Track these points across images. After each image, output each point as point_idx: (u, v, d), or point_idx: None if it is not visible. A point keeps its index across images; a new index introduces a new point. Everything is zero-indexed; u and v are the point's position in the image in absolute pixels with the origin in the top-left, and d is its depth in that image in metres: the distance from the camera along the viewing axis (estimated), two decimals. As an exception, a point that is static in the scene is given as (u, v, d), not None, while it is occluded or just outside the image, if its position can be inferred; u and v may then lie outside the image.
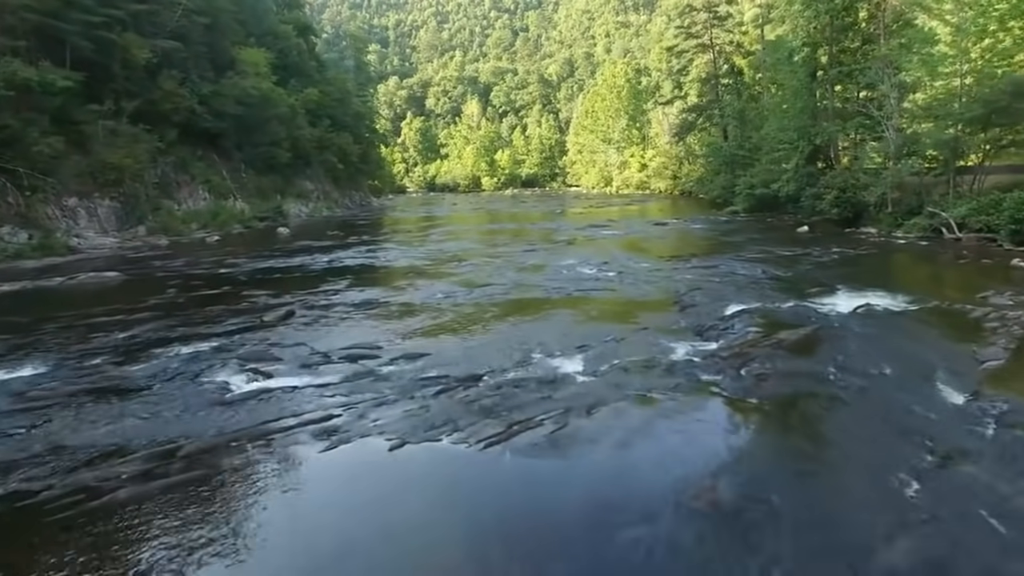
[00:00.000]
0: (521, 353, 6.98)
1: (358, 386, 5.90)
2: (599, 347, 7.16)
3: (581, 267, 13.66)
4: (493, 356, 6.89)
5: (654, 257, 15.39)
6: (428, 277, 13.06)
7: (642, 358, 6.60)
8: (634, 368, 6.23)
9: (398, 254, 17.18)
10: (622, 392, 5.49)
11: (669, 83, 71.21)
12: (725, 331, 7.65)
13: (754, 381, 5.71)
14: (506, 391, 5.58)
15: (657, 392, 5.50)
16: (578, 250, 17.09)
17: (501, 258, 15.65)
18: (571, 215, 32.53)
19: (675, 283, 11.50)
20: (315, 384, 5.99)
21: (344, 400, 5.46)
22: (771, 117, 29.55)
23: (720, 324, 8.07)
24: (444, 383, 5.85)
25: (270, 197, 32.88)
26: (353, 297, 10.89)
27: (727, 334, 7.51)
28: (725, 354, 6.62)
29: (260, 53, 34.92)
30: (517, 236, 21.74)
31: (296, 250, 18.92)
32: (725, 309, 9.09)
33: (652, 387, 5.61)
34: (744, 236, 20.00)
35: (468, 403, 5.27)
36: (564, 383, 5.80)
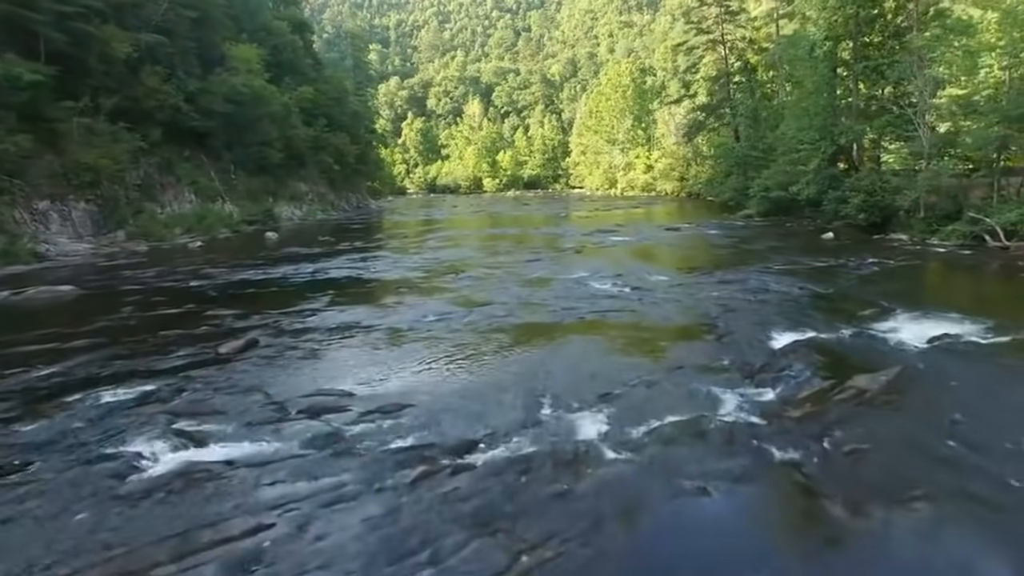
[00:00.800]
0: (528, 407, 5.49)
1: (311, 465, 4.40)
2: (626, 397, 5.67)
3: (593, 281, 12.15)
4: (492, 411, 5.40)
5: (672, 268, 13.88)
6: (420, 293, 11.56)
7: (685, 417, 5.10)
8: (678, 436, 4.73)
9: (390, 264, 15.70)
10: (669, 484, 3.99)
11: (676, 82, 69.97)
12: (782, 373, 6.14)
13: (848, 462, 4.20)
14: (509, 479, 4.08)
15: (717, 483, 3.99)
16: (587, 260, 15.59)
17: (503, 269, 14.15)
18: (576, 219, 31.04)
19: (702, 302, 9.99)
20: (256, 460, 4.50)
21: (286, 493, 3.96)
22: (788, 116, 28.02)
23: (772, 362, 6.56)
24: (426, 461, 4.35)
25: (261, 200, 31.43)
26: (332, 319, 9.39)
27: (786, 378, 6.00)
28: (793, 411, 5.11)
29: (252, 49, 33.49)
30: (520, 243, 20.25)
31: (280, 259, 17.45)
32: (771, 339, 7.59)
33: (708, 473, 4.10)
34: (765, 243, 18.50)
35: (456, 502, 3.77)
36: (587, 463, 4.30)
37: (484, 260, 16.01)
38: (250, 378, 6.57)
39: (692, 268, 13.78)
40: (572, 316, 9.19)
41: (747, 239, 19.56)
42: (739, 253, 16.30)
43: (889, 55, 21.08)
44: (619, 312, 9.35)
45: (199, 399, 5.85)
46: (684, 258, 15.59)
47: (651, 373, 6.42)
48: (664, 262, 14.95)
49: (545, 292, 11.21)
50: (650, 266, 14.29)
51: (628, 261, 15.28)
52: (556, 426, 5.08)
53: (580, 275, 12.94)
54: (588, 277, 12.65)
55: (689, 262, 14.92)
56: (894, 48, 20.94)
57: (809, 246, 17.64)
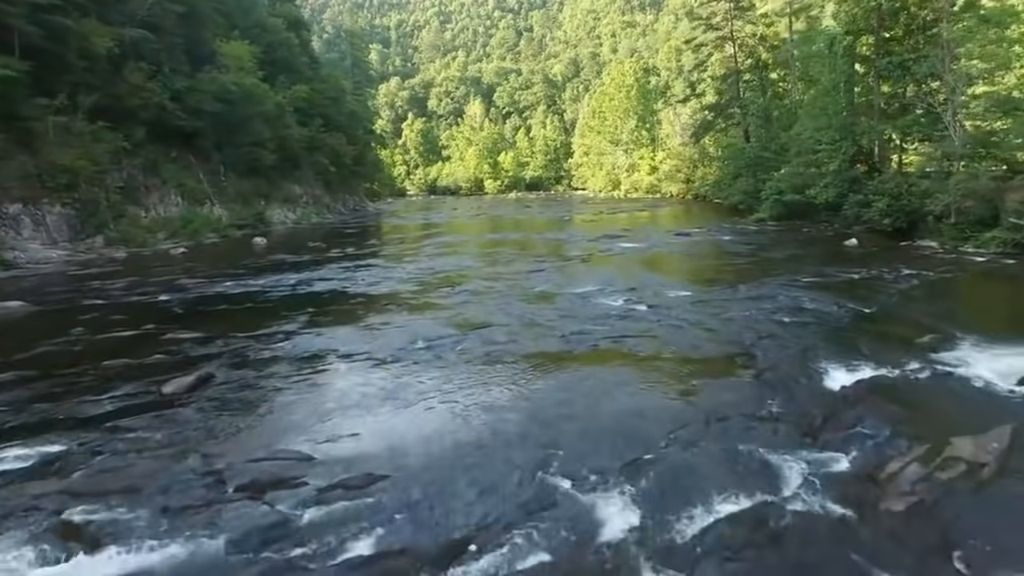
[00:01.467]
0: (535, 480, 4.25)
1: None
2: (658, 466, 4.42)
3: (603, 297, 10.89)
4: (489, 488, 4.16)
5: (690, 281, 12.61)
6: (410, 311, 10.31)
7: (740, 504, 3.86)
8: (736, 542, 3.47)
9: (381, 274, 14.45)
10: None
11: (681, 82, 68.67)
12: (854, 431, 4.88)
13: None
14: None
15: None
16: (595, 270, 14.34)
17: (503, 281, 12.90)
18: (580, 223, 29.78)
19: (731, 324, 8.73)
20: None
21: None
22: (803, 116, 26.76)
23: (835, 412, 5.31)
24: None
25: (252, 202, 30.22)
26: (305, 345, 8.15)
27: (860, 438, 4.75)
28: (890, 500, 3.84)
29: (244, 47, 32.31)
30: (522, 249, 19.01)
31: (264, 267, 16.21)
32: (823, 376, 6.34)
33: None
34: (784, 251, 17.23)
35: None
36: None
37: (483, 270, 14.76)
38: (190, 431, 5.32)
39: (711, 280, 12.51)
40: (583, 343, 7.93)
41: (764, 246, 18.29)
42: (759, 262, 15.02)
43: (914, 50, 19.82)
44: (637, 338, 8.09)
45: (114, 467, 4.60)
46: (700, 268, 14.34)
47: (685, 426, 5.17)
48: (679, 273, 13.70)
49: (551, 311, 9.95)
50: (665, 278, 13.02)
51: (640, 272, 14.02)
52: (571, 514, 3.83)
53: (588, 289, 11.68)
54: (598, 292, 11.39)
55: (707, 273, 13.66)
56: (919, 43, 19.67)
57: (833, 254, 16.37)
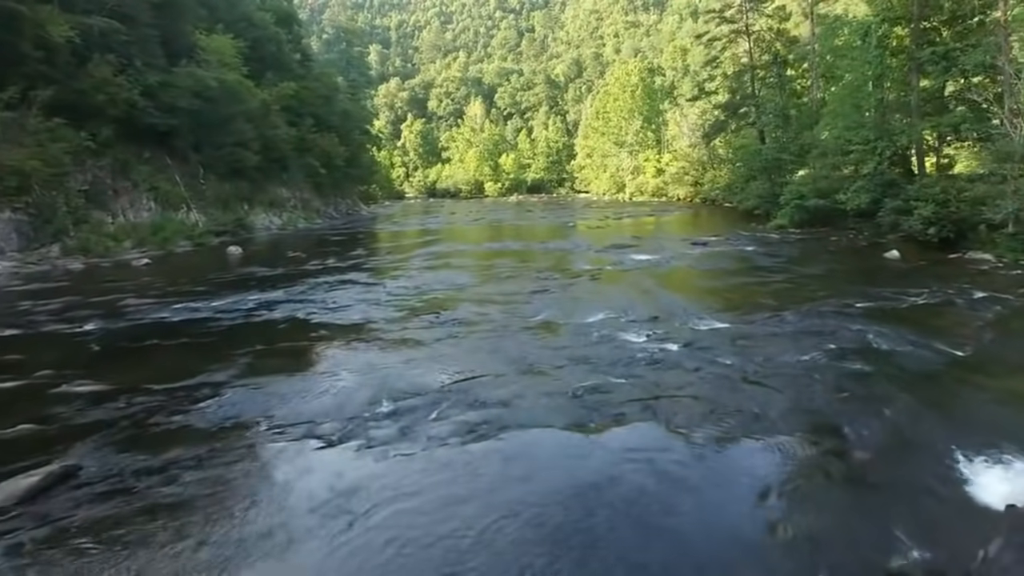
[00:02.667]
0: None
1: None
2: None
3: (621, 330, 8.83)
4: None
5: (723, 306, 10.53)
6: (381, 350, 8.26)
7: None
8: None
9: (358, 295, 12.39)
10: None
11: (688, 81, 66.61)
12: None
13: None
14: None
15: None
16: (607, 290, 12.27)
17: (500, 305, 10.84)
18: (586, 230, 27.72)
19: (793, 377, 6.69)
20: None
21: None
22: (828, 114, 24.67)
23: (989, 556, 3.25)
24: None
25: (234, 207, 28.22)
26: (228, 410, 6.10)
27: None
28: None
29: (227, 40, 30.34)
30: (522, 262, 16.95)
31: (227, 284, 14.18)
32: (954, 475, 4.29)
33: None
34: (820, 265, 15.18)
35: None
36: None
37: (477, 290, 12.70)
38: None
39: (748, 306, 10.44)
40: (602, 410, 5.87)
41: (794, 258, 16.21)
42: (796, 280, 12.94)
43: (960, 38, 17.77)
44: (674, 400, 6.03)
45: None
46: (730, 288, 12.25)
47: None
48: (707, 295, 11.62)
49: (557, 352, 7.88)
50: (691, 302, 10.94)
51: (660, 293, 11.95)
52: None
53: (601, 317, 9.62)
54: (614, 321, 9.33)
55: (739, 295, 11.58)
56: (968, 29, 17.62)
57: (877, 269, 14.32)
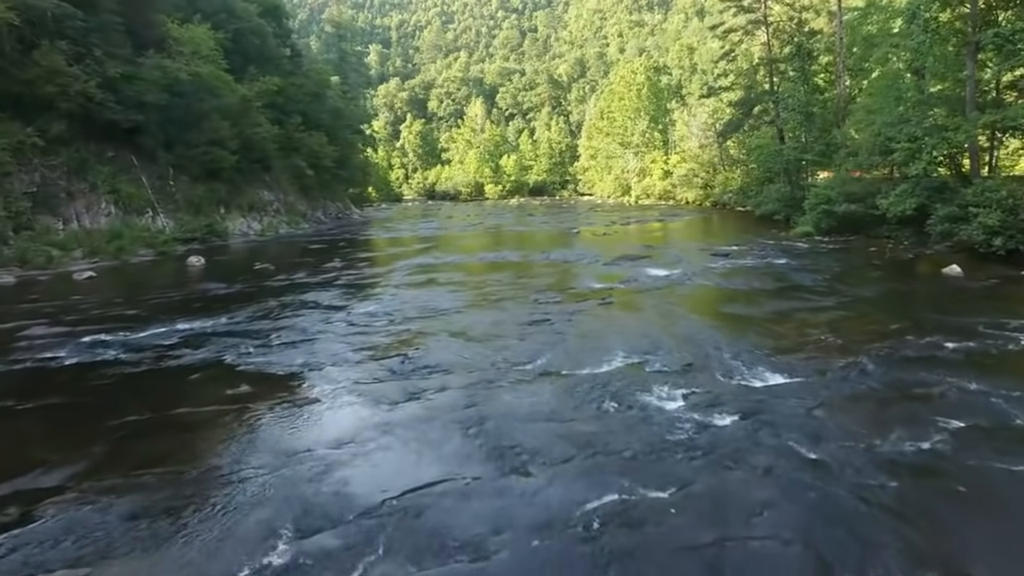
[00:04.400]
0: None
1: None
2: None
3: (644, 388, 6.49)
4: None
5: (772, 345, 8.14)
6: (307, 425, 5.89)
7: None
8: None
9: (313, 326, 10.03)
10: None
11: (696, 80, 64.28)
12: None
13: None
14: None
15: None
16: (622, 322, 9.89)
17: (485, 345, 8.49)
18: (591, 237, 25.35)
19: (914, 483, 4.32)
20: None
21: None
22: (858, 109, 22.32)
23: None
24: None
25: (208, 211, 25.91)
26: (54, 540, 3.74)
27: None
28: None
29: (203, 31, 28.13)
30: (520, 279, 14.58)
31: (165, 307, 11.85)
32: None
33: None
34: (874, 285, 12.81)
35: None
36: None
37: (461, 319, 10.33)
38: None
39: (804, 345, 8.04)
40: (636, 556, 3.50)
41: (837, 274, 13.79)
42: (850, 305, 10.55)
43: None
44: (746, 541, 3.66)
45: None
46: (774, 318, 9.84)
47: None
48: (747, 328, 9.23)
49: (560, 430, 5.53)
50: (730, 340, 8.55)
51: (688, 326, 9.56)
52: None
53: (619, 366, 7.29)
54: (635, 373, 7.00)
55: (788, 327, 9.19)
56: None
57: (945, 291, 11.94)
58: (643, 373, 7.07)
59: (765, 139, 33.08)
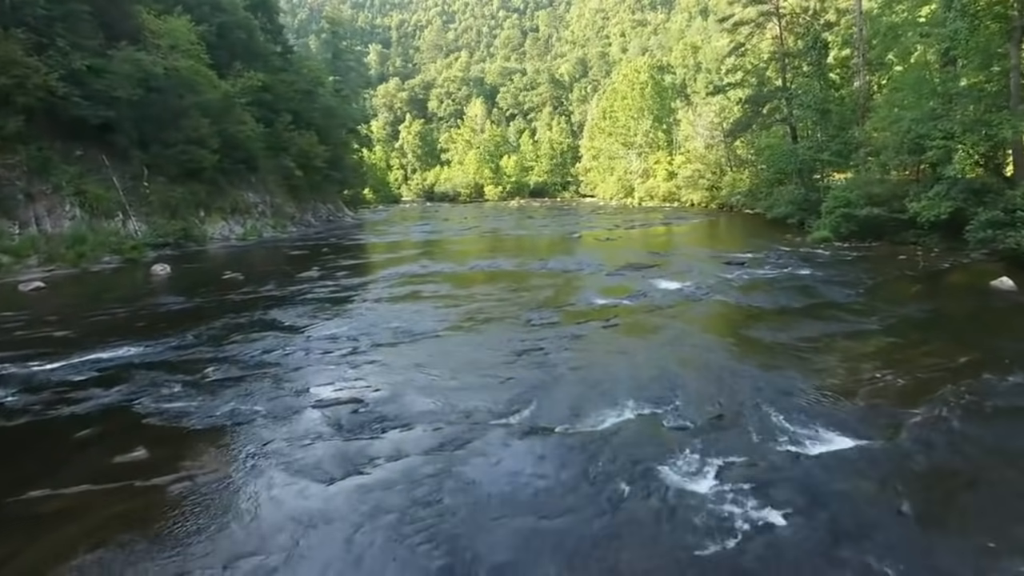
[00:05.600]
0: None
1: None
2: None
3: (666, 453, 4.91)
4: None
5: (818, 384, 6.53)
6: (246, 487, 4.32)
7: None
8: None
9: (261, 355, 8.44)
10: None
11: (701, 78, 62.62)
12: None
13: None
14: None
15: None
16: (631, 352, 8.27)
17: (463, 383, 6.91)
18: (594, 243, 23.74)
19: None
20: None
21: None
22: (882, 105, 20.66)
23: None
24: None
25: (185, 214, 24.35)
26: None
27: None
28: None
29: (183, 23, 26.62)
30: (513, 293, 12.97)
31: (103, 327, 10.30)
32: None
33: None
34: (918, 302, 11.16)
35: None
36: None
37: (439, 347, 8.73)
38: None
39: (858, 386, 6.43)
40: None
41: (871, 289, 12.14)
42: (899, 330, 8.92)
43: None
44: None
45: None
46: (812, 345, 8.21)
47: None
48: (783, 360, 7.62)
49: (553, 519, 3.94)
50: (765, 376, 6.95)
51: (711, 358, 7.94)
52: None
53: (629, 417, 5.70)
54: (650, 428, 5.42)
55: (833, 359, 7.57)
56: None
57: (1005, 309, 10.31)
58: (660, 431, 5.47)
59: (776, 138, 31.47)
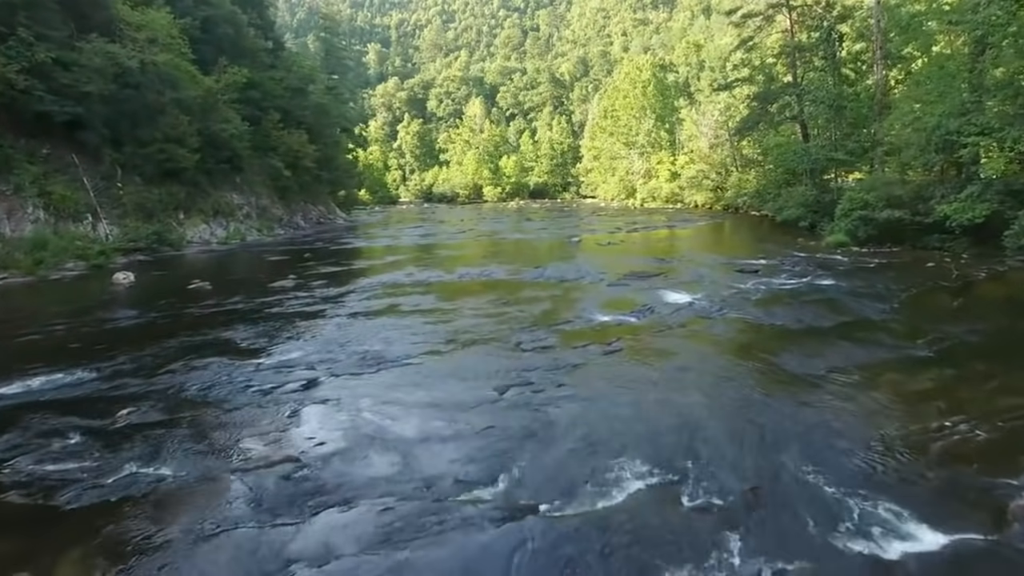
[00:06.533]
0: None
1: None
2: None
3: (688, 536, 3.51)
4: None
5: (875, 431, 5.16)
6: None
7: None
8: None
9: (209, 383, 7.11)
10: None
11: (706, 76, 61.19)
12: None
13: None
14: None
15: None
16: (638, 385, 6.88)
17: (433, 432, 5.55)
18: (594, 247, 22.38)
19: None
20: None
21: None
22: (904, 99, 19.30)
23: None
24: None
25: (163, 216, 23.02)
26: None
27: None
28: None
29: (162, 15, 25.28)
30: (504, 306, 11.60)
31: (25, 354, 8.96)
32: None
33: None
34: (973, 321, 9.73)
35: None
36: None
37: (408, 379, 7.36)
38: None
39: (936, 443, 5.06)
40: None
41: (909, 304, 10.77)
42: (961, 359, 7.56)
43: None
44: None
45: None
46: (859, 381, 6.84)
47: None
48: (826, 401, 6.26)
49: None
50: (807, 425, 5.59)
51: (736, 399, 6.56)
52: None
53: (641, 488, 4.33)
54: (670, 508, 4.01)
55: (885, 397, 6.21)
56: None
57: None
58: (678, 513, 4.10)
59: (784, 137, 30.11)
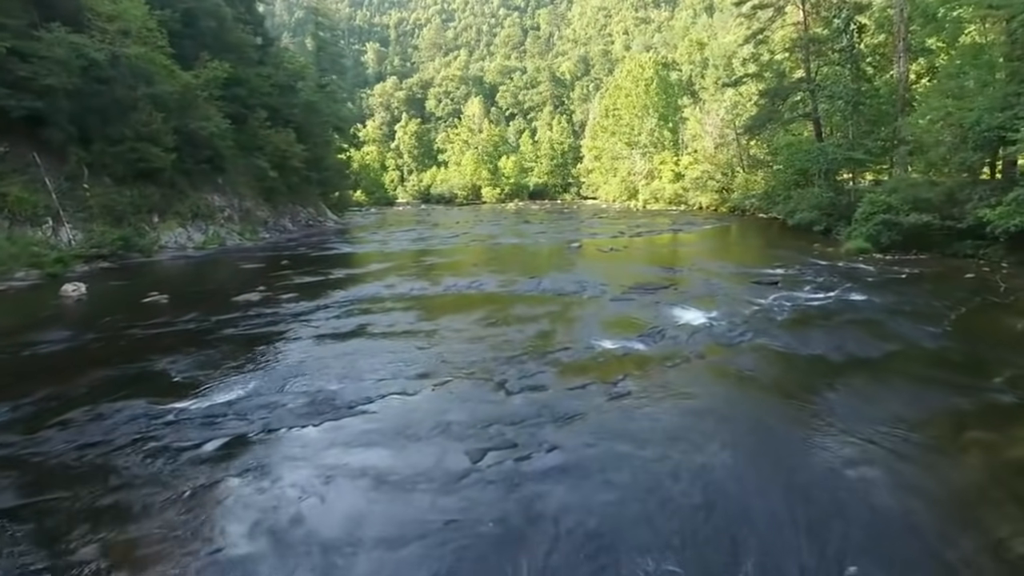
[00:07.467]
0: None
1: None
2: None
3: None
4: None
5: (981, 540, 3.70)
6: None
7: None
8: None
9: (117, 433, 5.64)
10: None
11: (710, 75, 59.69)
12: None
13: None
14: None
15: None
16: (649, 441, 5.39)
17: (381, 542, 4.05)
18: (596, 254, 20.90)
19: None
20: None
21: None
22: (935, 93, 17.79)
23: None
24: None
25: (136, 220, 21.55)
26: None
27: None
28: None
29: (138, 6, 23.79)
30: (492, 327, 10.12)
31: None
32: None
33: None
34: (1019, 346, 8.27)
35: None
36: None
37: (364, 436, 5.88)
38: None
39: None
40: None
41: (959, 324, 9.30)
42: None
43: None
44: None
45: None
46: (931, 440, 5.40)
47: None
48: (905, 476, 4.82)
49: None
50: (887, 521, 4.12)
51: (775, 462, 5.09)
52: None
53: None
54: None
55: (976, 470, 4.76)
56: None
57: None
58: None
59: (796, 135, 28.63)
